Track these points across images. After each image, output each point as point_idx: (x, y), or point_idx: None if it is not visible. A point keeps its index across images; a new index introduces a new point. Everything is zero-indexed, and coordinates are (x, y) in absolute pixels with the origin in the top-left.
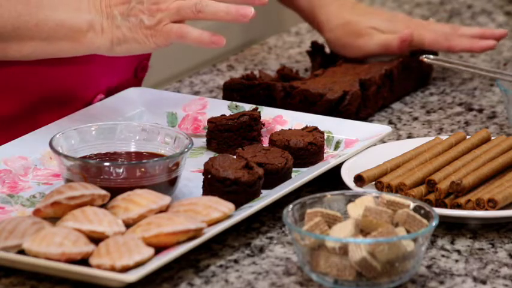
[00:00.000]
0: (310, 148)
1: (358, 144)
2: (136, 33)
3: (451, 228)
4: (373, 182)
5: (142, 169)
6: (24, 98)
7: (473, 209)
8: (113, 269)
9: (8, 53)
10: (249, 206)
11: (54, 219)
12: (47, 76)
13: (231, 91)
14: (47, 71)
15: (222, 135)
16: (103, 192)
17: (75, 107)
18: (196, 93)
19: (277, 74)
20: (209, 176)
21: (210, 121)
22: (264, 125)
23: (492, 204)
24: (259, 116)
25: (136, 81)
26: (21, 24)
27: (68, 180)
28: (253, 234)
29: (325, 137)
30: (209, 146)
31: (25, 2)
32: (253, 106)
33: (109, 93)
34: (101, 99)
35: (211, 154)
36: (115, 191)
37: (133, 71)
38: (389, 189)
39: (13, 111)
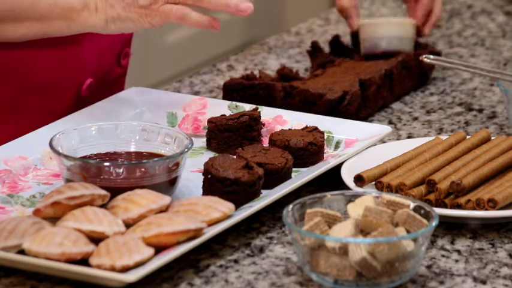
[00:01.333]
0: (310, 148)
1: (358, 144)
2: (130, 12)
3: (451, 228)
4: (373, 182)
5: (142, 169)
6: (13, 83)
7: (473, 209)
8: (113, 269)
9: (4, 34)
10: (249, 206)
11: (54, 219)
12: (33, 61)
13: (231, 91)
14: (32, 55)
15: (222, 135)
16: (103, 192)
17: (65, 92)
18: (196, 93)
19: (277, 74)
20: (209, 176)
21: (210, 121)
22: (264, 125)
23: (492, 204)
24: (259, 116)
25: (120, 70)
26: (15, 6)
27: (68, 180)
28: (253, 234)
29: (325, 137)
30: (209, 146)
31: None
32: (253, 106)
33: (97, 79)
34: (90, 84)
35: (211, 154)
36: (115, 191)
37: (116, 58)
38: (389, 189)
39: (2, 97)
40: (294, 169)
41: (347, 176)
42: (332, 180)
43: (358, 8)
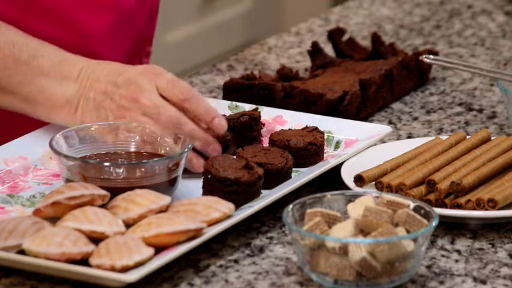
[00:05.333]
0: (310, 148)
1: (358, 144)
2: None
3: (451, 228)
4: (373, 182)
5: (143, 169)
6: None
7: (473, 209)
8: (113, 269)
9: None
10: (249, 206)
11: (54, 219)
12: None
13: (231, 91)
14: None
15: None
16: (103, 192)
17: None
18: None
19: (277, 74)
20: (209, 176)
21: None
22: (264, 125)
23: (492, 204)
24: (259, 116)
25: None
26: (4, 77)
27: (68, 180)
28: (253, 234)
29: (325, 137)
30: None
31: (16, 57)
32: (253, 106)
33: None
34: None
35: None
36: (115, 191)
37: (139, 57)
38: (390, 189)
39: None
40: (294, 169)
41: (347, 176)
42: (332, 180)
43: None
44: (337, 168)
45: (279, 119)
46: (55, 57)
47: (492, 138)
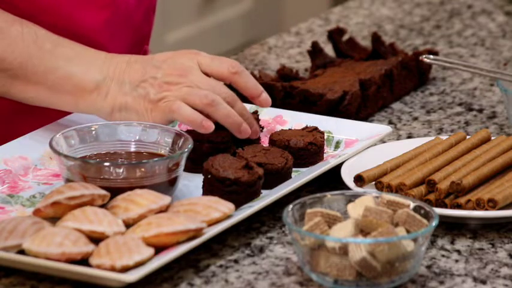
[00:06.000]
0: (310, 148)
1: (358, 144)
2: (139, 105)
3: (451, 228)
4: (373, 182)
5: (142, 169)
6: None
7: (473, 209)
8: (113, 269)
9: (11, 91)
10: (249, 206)
11: (54, 219)
12: None
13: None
14: None
15: None
16: (103, 192)
17: None
18: None
19: (277, 74)
20: (209, 176)
21: None
22: (263, 128)
23: (492, 204)
24: (258, 119)
25: None
26: (29, 66)
27: (68, 180)
28: (253, 234)
29: (325, 137)
30: None
31: (39, 46)
32: (253, 106)
33: None
34: None
35: None
36: (115, 191)
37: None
38: (390, 189)
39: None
40: (294, 169)
41: (347, 176)
42: (332, 180)
43: None
44: (337, 168)
45: (279, 119)
46: (75, 47)
47: (492, 138)
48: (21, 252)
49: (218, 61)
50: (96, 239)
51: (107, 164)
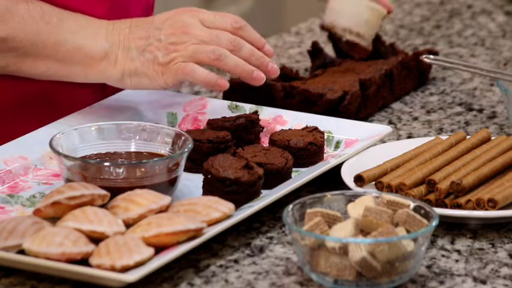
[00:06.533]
0: (310, 148)
1: (358, 144)
2: (148, 69)
3: (451, 228)
4: (373, 182)
5: (143, 169)
6: (41, 81)
7: (473, 209)
8: (113, 269)
9: (21, 68)
10: (249, 206)
11: (54, 219)
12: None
13: (231, 91)
14: None
15: None
16: (103, 192)
17: (91, 85)
18: (196, 93)
19: None
20: (209, 176)
21: (208, 122)
22: (262, 128)
23: (492, 204)
24: (257, 119)
25: None
26: (39, 42)
27: (68, 180)
28: (253, 234)
29: (325, 137)
30: None
31: (47, 21)
32: (254, 106)
33: None
34: None
35: None
36: (115, 191)
37: None
38: (389, 189)
39: (30, 91)
40: (294, 169)
41: (347, 176)
42: (332, 180)
43: None
44: (337, 168)
45: (279, 119)
46: (79, 19)
47: (492, 138)
48: (21, 252)
49: (220, 17)
50: (96, 239)
51: (107, 164)
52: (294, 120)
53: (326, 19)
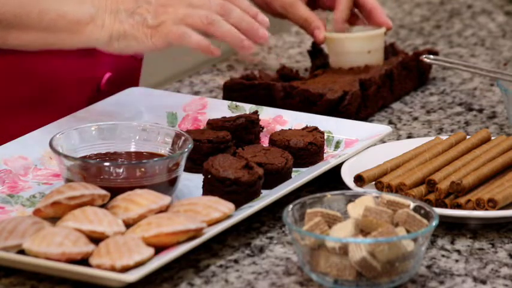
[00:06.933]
0: (310, 148)
1: (358, 144)
2: (137, 31)
3: (451, 228)
4: (373, 182)
5: (142, 169)
6: (34, 80)
7: (473, 209)
8: (113, 269)
9: (7, 41)
10: (249, 206)
11: (54, 219)
12: (53, 56)
13: (231, 91)
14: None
15: None
16: (103, 192)
17: (85, 86)
18: (196, 93)
19: (277, 74)
20: (209, 176)
21: (208, 122)
22: (262, 128)
23: (492, 204)
24: (257, 119)
25: (137, 64)
26: (22, 13)
27: (68, 180)
28: (253, 234)
29: (325, 137)
30: None
31: None
32: (254, 106)
33: (116, 73)
34: (109, 78)
35: None
36: (115, 191)
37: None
38: (389, 189)
39: (24, 94)
40: (294, 169)
41: (347, 176)
42: (332, 180)
43: (321, 18)
44: (337, 168)
45: (279, 119)
46: None
47: (492, 138)
48: (21, 252)
49: None
50: (96, 239)
51: (107, 164)
52: (294, 120)
53: (331, 62)
